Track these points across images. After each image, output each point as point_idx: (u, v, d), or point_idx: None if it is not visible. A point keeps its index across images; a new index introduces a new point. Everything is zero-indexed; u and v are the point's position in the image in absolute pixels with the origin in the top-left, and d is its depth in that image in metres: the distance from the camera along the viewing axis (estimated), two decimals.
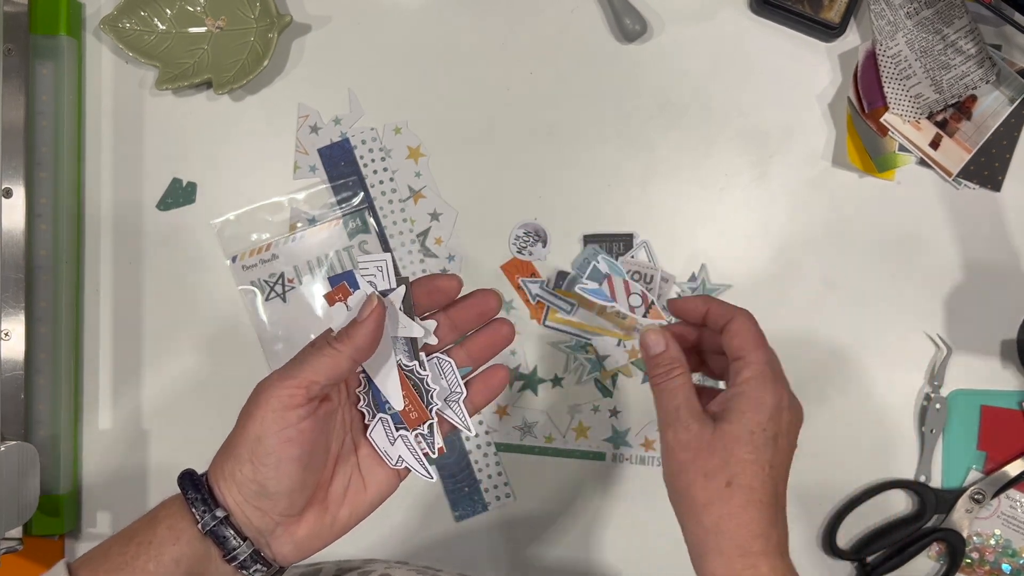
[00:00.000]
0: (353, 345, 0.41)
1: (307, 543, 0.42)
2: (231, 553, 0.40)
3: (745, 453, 0.43)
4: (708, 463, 0.43)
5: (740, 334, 0.46)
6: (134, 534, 0.40)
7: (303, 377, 0.40)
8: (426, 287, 0.44)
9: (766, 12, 0.69)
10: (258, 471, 0.40)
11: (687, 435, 0.44)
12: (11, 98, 0.65)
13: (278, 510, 0.41)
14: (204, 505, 0.40)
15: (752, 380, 0.44)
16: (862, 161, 0.68)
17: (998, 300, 0.68)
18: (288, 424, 0.39)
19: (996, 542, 0.68)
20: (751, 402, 0.44)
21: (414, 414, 0.44)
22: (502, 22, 0.70)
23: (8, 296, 0.65)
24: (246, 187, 0.70)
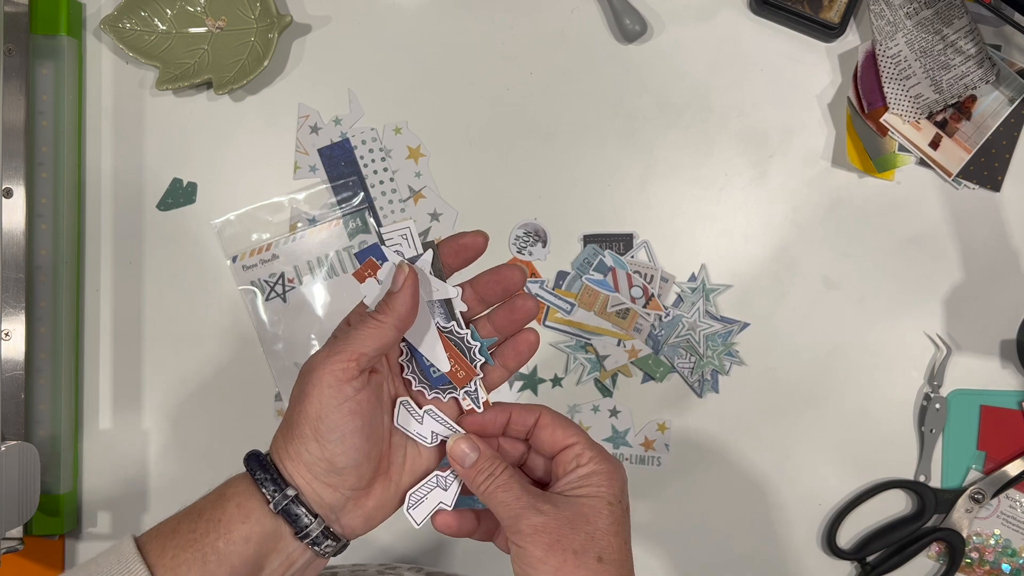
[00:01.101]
0: (395, 314, 0.41)
1: (376, 514, 0.43)
2: (303, 531, 0.41)
3: (607, 526, 0.41)
4: (574, 540, 0.40)
5: (555, 426, 0.44)
6: (202, 511, 0.41)
7: (352, 350, 0.40)
8: (452, 246, 0.44)
9: (766, 12, 0.69)
10: (325, 448, 0.40)
11: (542, 518, 0.40)
12: (11, 98, 0.65)
13: (348, 484, 0.42)
14: (274, 484, 0.41)
15: (596, 458, 0.43)
16: (862, 161, 0.68)
17: (998, 300, 0.68)
18: (346, 398, 0.40)
19: (996, 542, 0.68)
20: (604, 477, 0.42)
21: (461, 373, 0.44)
22: (502, 22, 0.70)
23: (8, 296, 0.65)
24: (246, 187, 0.70)
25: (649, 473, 0.69)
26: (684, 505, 0.69)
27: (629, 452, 0.69)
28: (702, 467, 0.69)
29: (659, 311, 0.69)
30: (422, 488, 0.45)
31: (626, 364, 0.69)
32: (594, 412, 0.69)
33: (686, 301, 0.69)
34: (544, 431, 0.44)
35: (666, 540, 0.70)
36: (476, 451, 0.43)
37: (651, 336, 0.69)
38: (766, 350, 0.69)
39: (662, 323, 0.69)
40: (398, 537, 0.70)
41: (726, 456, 0.69)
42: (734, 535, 0.69)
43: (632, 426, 0.69)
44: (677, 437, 0.69)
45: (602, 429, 0.69)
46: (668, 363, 0.69)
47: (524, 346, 0.46)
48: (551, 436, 0.44)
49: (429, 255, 0.44)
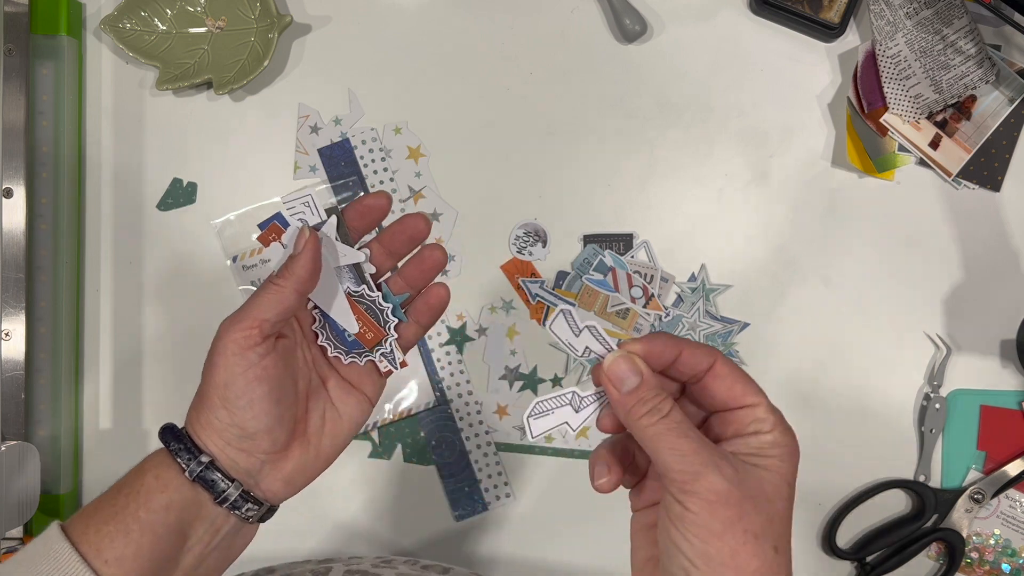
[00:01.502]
0: (295, 278, 0.41)
1: (296, 478, 0.43)
2: (221, 495, 0.41)
3: (784, 510, 0.36)
4: (755, 521, 0.34)
5: (735, 378, 0.38)
6: (121, 487, 0.42)
7: (253, 316, 0.41)
8: (357, 209, 0.45)
9: (766, 12, 0.69)
10: (233, 414, 0.41)
11: (726, 485, 0.34)
12: (11, 98, 0.65)
13: (262, 449, 0.42)
14: (188, 453, 0.41)
15: (780, 427, 0.37)
16: (862, 161, 0.68)
17: (998, 300, 0.68)
18: (250, 364, 0.40)
19: (996, 542, 0.68)
20: (787, 450, 0.37)
21: (370, 334, 0.44)
22: (502, 22, 0.70)
23: (8, 296, 0.65)
24: (246, 187, 0.70)
25: None
26: None
27: None
28: None
29: (659, 311, 0.69)
30: (550, 401, 0.40)
31: None
32: None
33: (686, 301, 0.69)
34: (719, 381, 0.38)
35: None
36: (639, 376, 0.37)
37: None
38: (766, 350, 0.69)
39: (662, 323, 0.69)
40: (396, 531, 0.70)
41: None
42: None
43: None
44: None
45: None
46: None
47: (435, 300, 0.45)
48: (728, 389, 0.38)
49: (334, 220, 0.44)
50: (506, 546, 0.70)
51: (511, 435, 0.70)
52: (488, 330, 0.70)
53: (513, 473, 0.70)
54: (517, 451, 0.70)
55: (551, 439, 0.69)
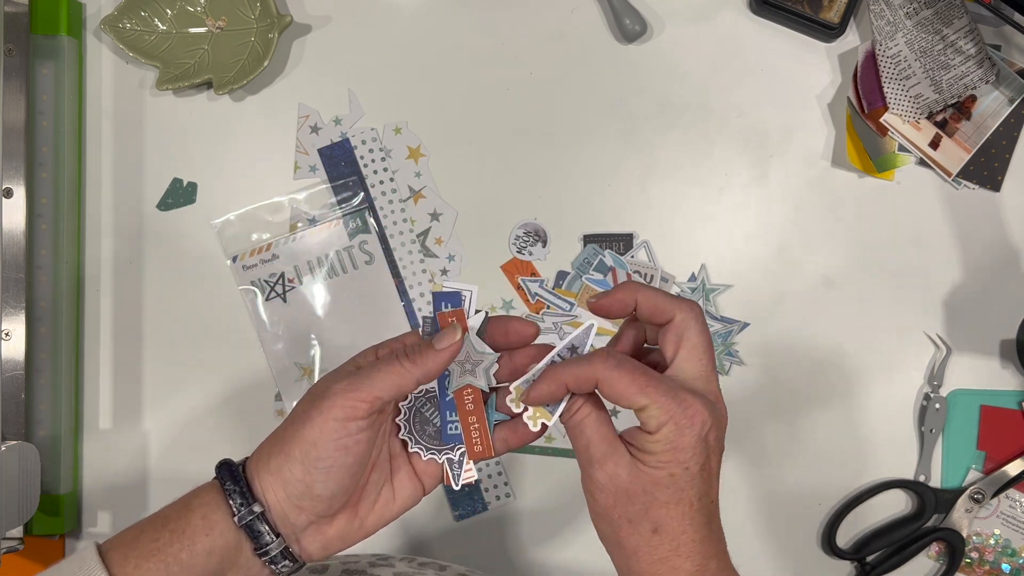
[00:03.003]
0: (425, 369, 0.42)
1: (334, 543, 0.43)
2: (263, 548, 0.41)
3: (667, 497, 0.40)
4: (629, 509, 0.40)
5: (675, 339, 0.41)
6: (167, 521, 0.41)
7: (370, 392, 0.40)
8: (503, 327, 0.45)
9: (766, 12, 0.69)
10: (309, 473, 0.40)
11: (604, 478, 0.41)
12: (11, 98, 0.65)
13: (317, 511, 0.41)
14: (242, 498, 0.40)
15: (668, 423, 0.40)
16: (862, 161, 0.68)
17: (998, 300, 0.68)
18: (347, 434, 0.40)
19: (996, 542, 0.68)
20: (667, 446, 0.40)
21: (479, 447, 0.45)
22: (502, 22, 0.70)
23: (8, 296, 0.65)
24: (246, 187, 0.70)
25: None
26: None
27: None
28: None
29: None
30: None
31: None
32: None
33: None
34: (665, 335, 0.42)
35: None
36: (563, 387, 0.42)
37: None
38: (766, 350, 0.69)
39: None
40: (396, 531, 0.70)
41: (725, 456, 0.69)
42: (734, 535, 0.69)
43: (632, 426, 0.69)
44: None
45: None
46: None
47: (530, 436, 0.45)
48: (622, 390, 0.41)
49: (482, 317, 0.44)
50: (506, 546, 0.70)
51: None
52: None
53: (513, 473, 0.70)
54: (517, 451, 0.70)
55: (551, 439, 0.69)
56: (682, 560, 0.40)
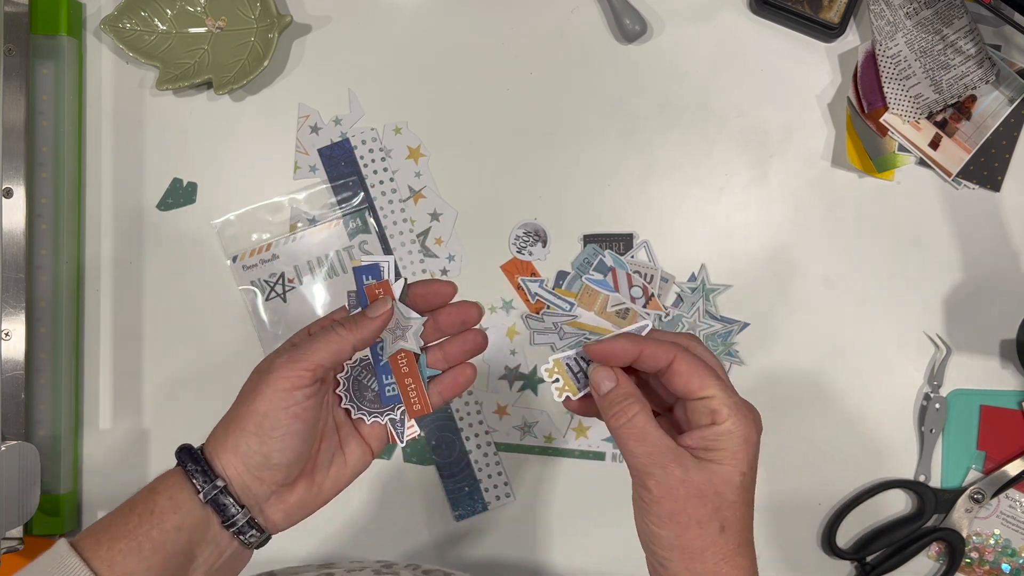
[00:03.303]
0: (359, 335, 0.44)
1: (296, 511, 0.46)
2: (230, 520, 0.43)
3: (735, 496, 0.41)
4: (700, 511, 0.40)
5: (691, 374, 0.42)
6: (134, 506, 0.43)
7: (311, 360, 0.43)
8: (424, 289, 0.48)
9: (766, 12, 0.69)
10: (264, 443, 0.43)
11: (673, 482, 0.41)
12: (11, 98, 0.65)
13: (276, 480, 0.44)
14: (204, 476, 0.43)
15: (733, 416, 0.41)
16: (862, 161, 0.68)
17: (998, 300, 0.68)
18: (295, 402, 0.43)
19: (996, 542, 0.68)
20: (739, 439, 0.41)
21: (417, 405, 0.47)
22: (502, 22, 0.70)
23: (8, 296, 0.65)
24: (246, 187, 0.70)
25: None
26: None
27: None
28: None
29: (659, 311, 0.69)
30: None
31: None
32: None
33: (686, 301, 0.69)
34: (677, 378, 0.42)
35: None
36: (613, 380, 0.43)
37: None
38: (766, 350, 0.69)
39: (662, 323, 0.69)
40: (396, 531, 0.70)
41: None
42: None
43: None
44: None
45: (602, 429, 0.69)
46: None
47: (463, 379, 0.49)
48: (685, 384, 0.42)
49: (402, 283, 0.47)
50: (506, 546, 0.70)
51: (511, 435, 0.70)
52: (488, 330, 0.70)
53: (513, 473, 0.70)
54: (517, 451, 0.70)
55: (551, 439, 0.69)
56: (743, 559, 0.42)
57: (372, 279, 0.47)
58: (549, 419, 0.70)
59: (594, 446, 0.69)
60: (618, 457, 0.69)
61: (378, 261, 0.47)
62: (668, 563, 0.42)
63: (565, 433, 0.70)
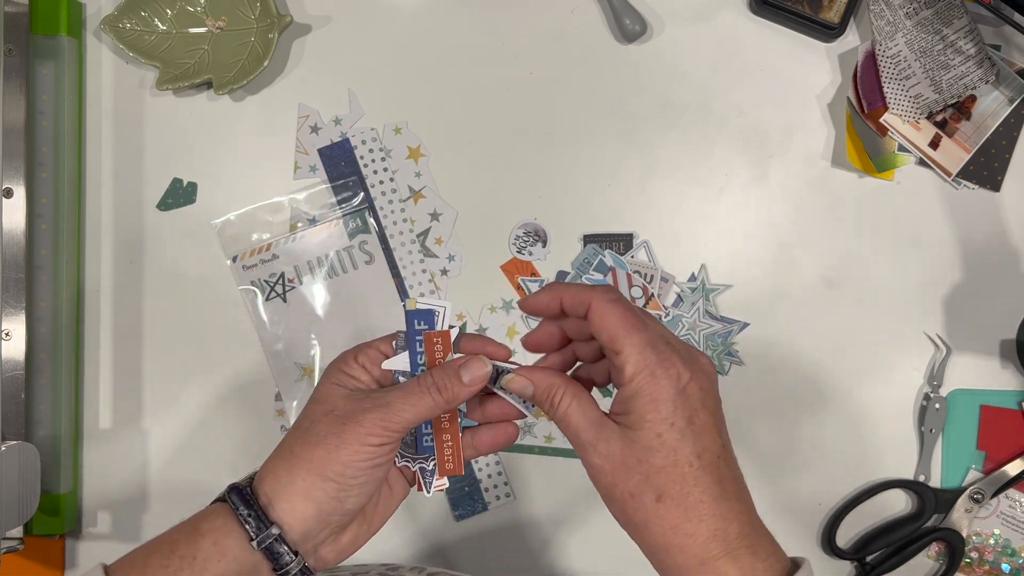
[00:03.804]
0: (453, 402, 0.43)
1: (347, 548, 0.45)
2: (283, 569, 0.41)
3: (661, 460, 0.38)
4: (629, 482, 0.39)
5: (604, 322, 0.40)
6: (175, 546, 0.40)
7: (401, 421, 0.42)
8: (475, 344, 0.46)
9: (766, 12, 0.69)
10: (343, 490, 0.41)
11: (599, 459, 0.40)
12: (11, 98, 0.65)
13: (343, 523, 0.43)
14: (258, 522, 0.41)
15: (638, 375, 0.39)
16: (862, 161, 0.68)
17: (998, 300, 0.68)
18: (380, 454, 0.42)
19: (995, 542, 0.68)
20: (646, 400, 0.39)
21: (450, 464, 0.46)
22: (502, 22, 0.70)
23: (8, 296, 0.65)
24: (246, 187, 0.70)
25: None
26: None
27: None
28: None
29: (659, 311, 0.69)
30: None
31: None
32: None
33: (686, 301, 0.69)
34: (594, 327, 0.41)
35: None
36: (529, 387, 0.43)
37: None
38: (766, 350, 0.69)
39: (662, 322, 0.69)
40: (396, 531, 0.70)
41: None
42: None
43: None
44: None
45: None
46: None
47: (502, 438, 0.47)
48: (600, 335, 0.40)
49: (455, 333, 0.46)
50: (506, 546, 0.70)
51: None
52: (488, 330, 0.70)
53: (513, 473, 0.70)
54: (517, 451, 0.70)
55: (551, 439, 0.69)
56: (694, 525, 0.38)
57: (424, 324, 0.45)
58: None
59: None
60: None
61: (433, 307, 0.45)
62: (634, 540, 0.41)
63: None
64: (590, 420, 0.41)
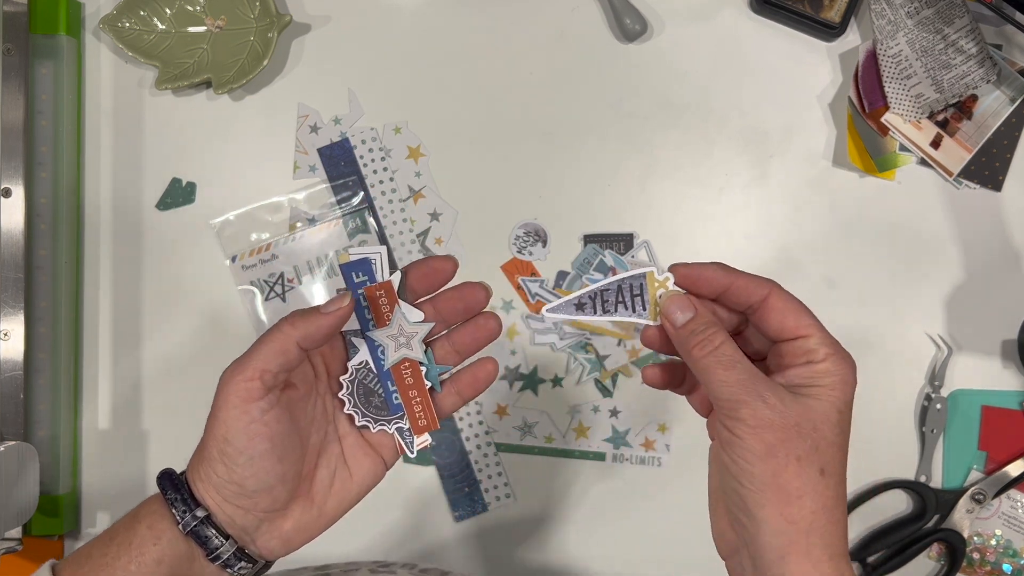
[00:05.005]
0: (303, 331, 0.38)
1: (294, 536, 0.41)
2: (214, 552, 0.39)
3: (834, 436, 0.38)
4: (799, 446, 0.37)
5: (787, 311, 0.39)
6: (115, 534, 0.40)
7: (254, 367, 0.38)
8: (420, 270, 0.42)
9: (766, 12, 0.69)
10: (232, 471, 0.39)
11: (771, 412, 0.37)
12: (11, 98, 0.65)
13: (261, 507, 0.40)
14: (184, 505, 0.39)
15: (833, 355, 0.38)
16: (863, 161, 0.68)
17: (998, 300, 0.68)
18: (252, 419, 0.38)
19: (997, 542, 0.68)
20: (838, 379, 0.38)
21: (423, 421, 0.43)
22: (502, 22, 0.70)
23: (8, 296, 0.65)
24: (246, 187, 0.70)
25: (649, 473, 0.69)
26: (684, 505, 0.69)
27: (629, 452, 0.69)
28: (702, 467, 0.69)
29: None
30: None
31: (626, 364, 0.69)
32: (594, 412, 0.69)
33: None
34: (773, 314, 0.39)
35: (666, 540, 0.70)
36: (691, 310, 0.40)
37: None
38: None
39: None
40: (396, 532, 0.70)
41: None
42: None
43: (632, 426, 0.69)
44: (677, 437, 0.69)
45: (602, 429, 0.69)
46: None
47: (483, 374, 0.43)
48: (781, 321, 0.39)
49: (398, 276, 0.42)
50: (506, 546, 0.70)
51: (511, 435, 0.70)
52: None
53: (513, 473, 0.70)
54: (517, 451, 0.70)
55: (551, 439, 0.69)
56: (839, 513, 0.38)
57: (364, 276, 0.41)
58: (549, 419, 0.70)
59: (594, 446, 0.69)
60: (618, 457, 0.69)
61: (367, 254, 0.41)
62: (759, 509, 0.37)
63: (565, 433, 0.69)
64: (756, 371, 0.38)
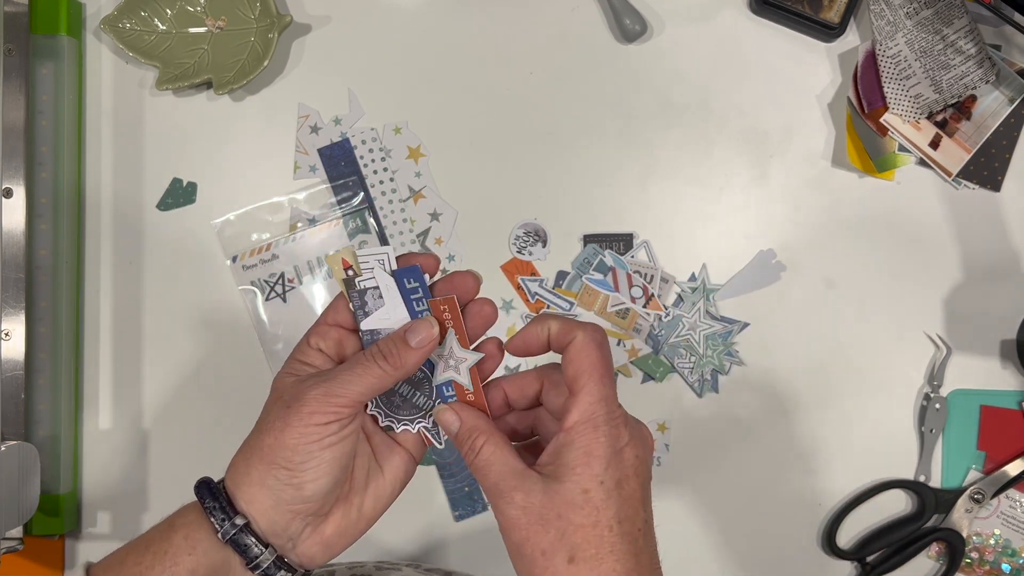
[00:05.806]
0: (403, 370, 0.40)
1: (336, 541, 0.42)
2: (254, 561, 0.40)
3: (582, 519, 0.37)
4: (543, 539, 0.37)
5: (580, 357, 0.39)
6: (150, 543, 0.40)
7: (349, 397, 0.39)
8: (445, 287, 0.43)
9: (766, 12, 0.69)
10: (295, 475, 0.39)
11: (515, 510, 0.38)
12: (11, 98, 0.65)
13: (311, 511, 0.40)
14: (223, 513, 0.39)
15: (581, 424, 0.38)
16: (862, 161, 0.68)
17: (998, 300, 0.68)
18: (328, 434, 0.39)
19: (996, 542, 0.68)
20: (580, 452, 0.38)
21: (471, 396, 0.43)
22: (502, 22, 0.70)
23: (8, 296, 0.65)
24: (246, 187, 0.70)
25: None
26: (684, 505, 0.69)
27: None
28: (702, 467, 0.69)
29: (659, 311, 0.69)
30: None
31: (626, 364, 0.69)
32: None
33: (686, 301, 0.69)
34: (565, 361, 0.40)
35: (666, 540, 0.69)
36: (456, 422, 0.42)
37: (651, 336, 0.69)
38: (766, 350, 0.69)
39: (662, 323, 0.69)
40: (396, 531, 0.70)
41: (726, 456, 0.69)
42: (734, 535, 0.69)
43: None
44: (677, 437, 0.69)
45: None
46: (668, 363, 0.69)
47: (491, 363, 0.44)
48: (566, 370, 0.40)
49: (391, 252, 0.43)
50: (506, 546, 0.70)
51: None
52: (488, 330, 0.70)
53: None
54: None
55: None
56: None
57: (415, 282, 0.41)
58: None
59: None
60: None
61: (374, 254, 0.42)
62: None
63: None
64: (512, 469, 0.39)
